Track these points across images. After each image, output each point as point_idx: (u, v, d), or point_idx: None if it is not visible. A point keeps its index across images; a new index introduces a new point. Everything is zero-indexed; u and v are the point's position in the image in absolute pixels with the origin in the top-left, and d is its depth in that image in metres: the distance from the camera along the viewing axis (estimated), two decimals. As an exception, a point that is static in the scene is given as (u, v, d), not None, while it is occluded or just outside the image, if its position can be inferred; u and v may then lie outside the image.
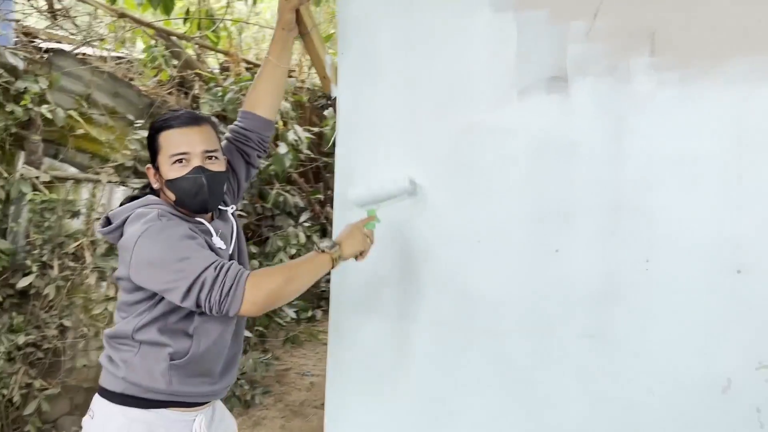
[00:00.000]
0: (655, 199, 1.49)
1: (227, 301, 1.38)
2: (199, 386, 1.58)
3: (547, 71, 1.62)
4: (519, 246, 1.66)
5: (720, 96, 1.42)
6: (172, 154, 1.54)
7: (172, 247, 1.43)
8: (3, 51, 2.56)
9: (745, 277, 1.40)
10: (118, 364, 1.54)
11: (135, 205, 1.55)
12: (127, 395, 1.52)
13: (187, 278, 1.39)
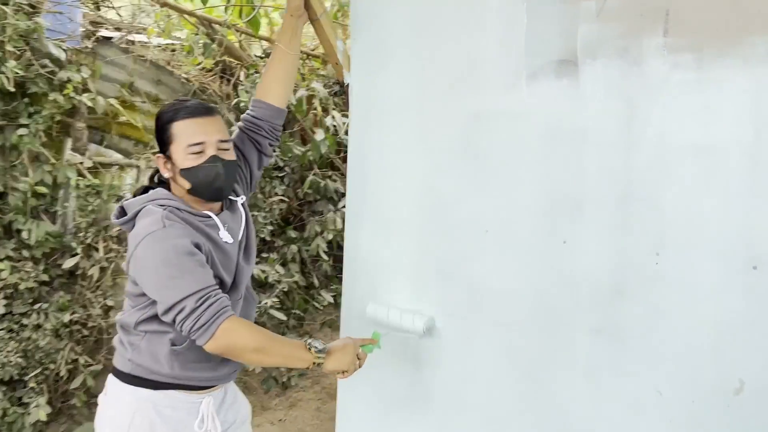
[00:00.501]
0: (666, 189, 1.41)
1: (197, 334, 1.43)
2: (200, 371, 1.61)
3: (557, 54, 1.55)
4: (526, 236, 1.61)
5: (737, 79, 1.32)
6: (190, 144, 1.55)
7: (166, 262, 1.46)
8: (47, 42, 2.68)
9: (760, 274, 1.30)
10: (126, 347, 1.60)
11: (146, 199, 1.58)
12: (134, 376, 1.58)
13: (170, 299, 1.43)
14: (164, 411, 1.58)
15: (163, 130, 1.59)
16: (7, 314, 2.85)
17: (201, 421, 1.61)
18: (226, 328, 1.43)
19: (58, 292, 3.01)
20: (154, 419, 1.57)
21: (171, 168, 1.59)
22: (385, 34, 1.84)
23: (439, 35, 1.74)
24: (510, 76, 1.62)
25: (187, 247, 1.48)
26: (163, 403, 1.58)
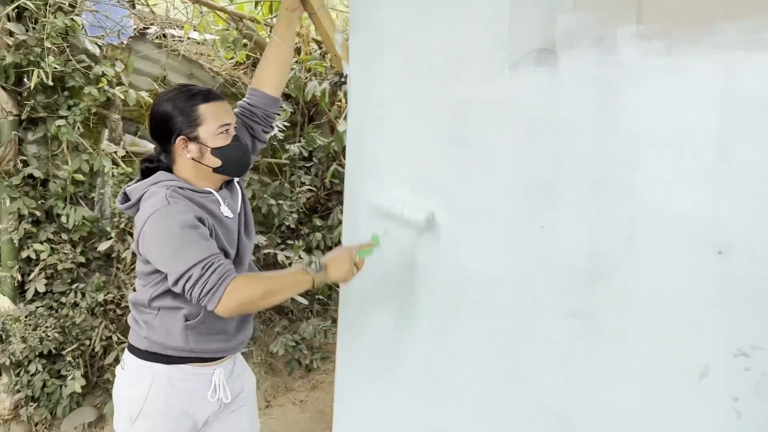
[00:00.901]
0: (638, 175, 1.43)
1: (206, 299, 1.51)
2: (214, 343, 1.71)
3: (537, 44, 1.58)
4: (508, 222, 1.65)
5: (706, 66, 1.33)
6: (222, 124, 1.66)
7: (171, 236, 1.54)
8: (83, 39, 2.86)
9: (725, 259, 1.32)
10: (141, 325, 1.70)
11: (149, 183, 1.66)
12: (150, 352, 1.68)
13: (177, 269, 1.52)
14: (178, 383, 1.68)
15: (187, 112, 1.65)
16: (48, 293, 3.06)
17: (213, 390, 1.72)
18: (231, 290, 1.50)
19: (95, 274, 3.21)
20: (169, 391, 1.67)
21: (197, 149, 1.65)
22: (381, 26, 1.91)
23: (430, 26, 1.79)
24: (494, 65, 1.66)
25: (191, 221, 1.56)
26: (177, 376, 1.68)
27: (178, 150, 1.67)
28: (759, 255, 1.28)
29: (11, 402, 3.00)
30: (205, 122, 1.64)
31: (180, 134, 1.65)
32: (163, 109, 1.67)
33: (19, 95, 2.90)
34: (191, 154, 1.66)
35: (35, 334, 2.85)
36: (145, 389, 1.66)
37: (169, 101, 1.67)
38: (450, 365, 1.78)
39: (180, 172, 1.71)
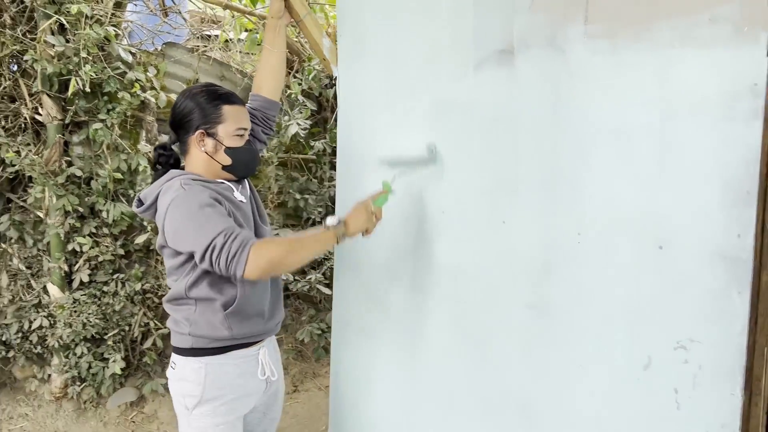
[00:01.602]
0: (587, 171, 1.47)
1: (233, 264, 1.52)
2: (255, 326, 1.76)
3: (498, 44, 1.63)
4: (474, 217, 1.71)
5: (647, 63, 1.35)
6: (240, 128, 1.73)
7: (191, 216, 1.58)
8: (117, 47, 3.09)
9: (666, 253, 1.35)
10: (181, 323, 1.72)
11: (160, 183, 1.70)
12: (197, 348, 1.71)
13: (202, 244, 1.55)
14: (230, 369, 1.73)
15: (211, 109, 1.71)
16: (92, 282, 3.33)
17: (262, 370, 1.80)
18: (255, 251, 1.52)
19: (134, 265, 3.45)
20: (222, 378, 1.72)
21: (213, 144, 1.71)
22: (364, 31, 1.99)
23: (405, 30, 1.87)
24: (461, 66, 1.72)
25: (207, 200, 1.60)
26: (227, 362, 1.73)
27: (193, 142, 1.72)
28: (696, 250, 1.30)
29: (61, 381, 3.29)
30: (225, 122, 1.71)
31: (199, 128, 1.70)
32: (188, 103, 1.73)
33: (63, 101, 3.16)
34: (206, 148, 1.71)
35: (79, 319, 3.12)
36: (199, 381, 1.71)
37: (195, 96, 1.73)
38: (424, 355, 1.86)
39: (191, 164, 1.76)
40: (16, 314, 3.27)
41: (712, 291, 1.29)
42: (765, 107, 1.20)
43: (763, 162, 1.21)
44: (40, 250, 3.33)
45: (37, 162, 3.08)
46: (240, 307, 1.71)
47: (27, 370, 3.39)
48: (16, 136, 3.19)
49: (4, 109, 3.19)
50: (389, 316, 1.96)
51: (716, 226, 1.27)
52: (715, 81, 1.26)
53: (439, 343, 1.82)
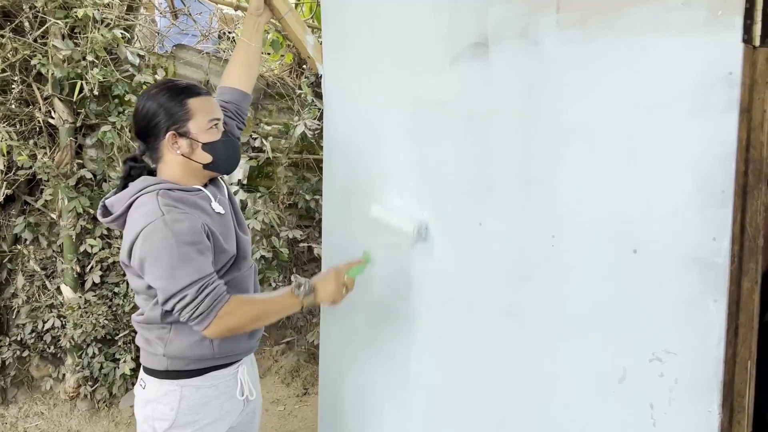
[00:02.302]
0: (559, 170, 1.38)
1: (195, 321, 1.48)
2: (239, 342, 1.67)
3: (473, 37, 1.55)
4: (452, 218, 1.64)
5: (619, 51, 1.26)
6: (212, 119, 1.59)
7: (167, 251, 1.46)
8: (125, 50, 3.11)
9: (640, 258, 1.25)
10: (155, 343, 1.59)
11: (133, 191, 1.56)
12: (171, 371, 1.59)
13: (171, 288, 1.45)
14: (207, 392, 1.63)
15: (175, 108, 1.57)
16: (104, 283, 3.37)
17: (241, 389, 1.70)
18: (222, 315, 1.48)
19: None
20: (199, 401, 1.61)
21: (188, 144, 1.58)
22: (347, 28, 1.94)
23: (385, 24, 1.80)
24: (438, 60, 1.65)
25: (188, 232, 1.48)
26: (204, 384, 1.62)
27: (166, 146, 1.57)
28: (671, 254, 1.20)
29: (74, 381, 3.34)
30: (195, 117, 1.57)
31: (169, 129, 1.56)
32: (150, 106, 1.58)
33: (74, 104, 3.20)
34: (181, 150, 1.57)
35: (89, 320, 3.16)
36: (172, 406, 1.60)
37: (155, 97, 1.58)
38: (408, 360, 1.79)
39: (166, 171, 1.61)
40: (31, 314, 3.34)
41: (688, 298, 1.18)
42: (741, 98, 1.09)
43: (739, 158, 1.11)
44: (54, 252, 3.39)
45: (48, 164, 3.13)
46: None
47: (42, 370, 3.45)
48: (30, 139, 3.25)
49: (18, 113, 3.26)
50: (374, 318, 1.90)
51: (690, 229, 1.17)
52: (689, 70, 1.16)
53: (423, 349, 1.75)
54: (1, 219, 3.35)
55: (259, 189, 3.66)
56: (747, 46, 1.09)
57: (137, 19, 3.54)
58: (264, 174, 3.84)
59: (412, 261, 1.75)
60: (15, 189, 3.32)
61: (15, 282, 3.37)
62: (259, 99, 3.80)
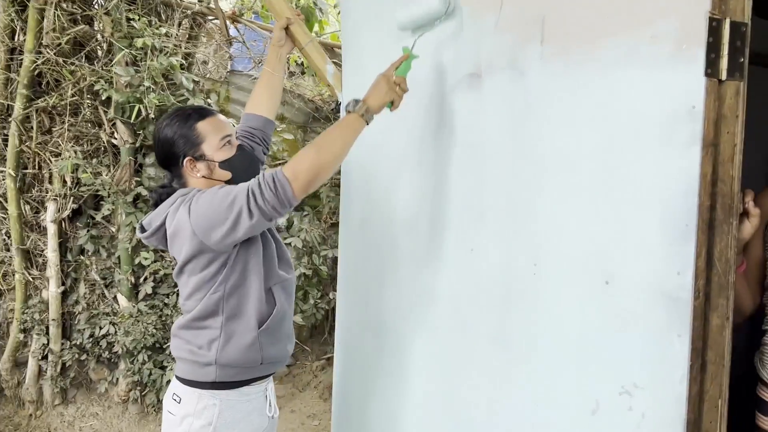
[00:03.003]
0: (541, 199, 1.40)
1: (280, 191, 1.46)
2: (282, 349, 1.73)
3: (468, 68, 1.60)
4: (445, 243, 1.68)
5: (595, 83, 1.27)
6: (222, 137, 1.66)
7: (215, 194, 1.53)
8: (180, 76, 3.33)
9: (611, 289, 1.24)
10: (204, 348, 1.62)
11: (168, 205, 1.64)
12: (219, 382, 1.63)
13: (241, 201, 1.48)
14: (242, 407, 1.67)
15: (187, 134, 1.65)
16: (156, 294, 3.58)
17: (269, 407, 1.75)
18: (288, 169, 1.47)
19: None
20: (236, 416, 1.65)
21: (205, 166, 1.65)
22: (363, 58, 2.03)
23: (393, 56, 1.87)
24: (439, 90, 1.70)
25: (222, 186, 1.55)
26: (240, 398, 1.67)
27: (187, 171, 1.67)
28: (640, 287, 1.19)
29: (126, 385, 3.55)
30: (207, 138, 1.65)
31: (186, 156, 1.65)
32: (164, 136, 1.67)
33: (134, 126, 3.45)
34: (201, 173, 1.66)
35: (138, 328, 3.36)
36: (210, 420, 1.62)
37: (167, 127, 1.67)
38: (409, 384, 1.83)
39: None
40: (90, 321, 3.58)
41: (655, 332, 1.17)
42: (704, 132, 1.08)
43: (704, 192, 1.09)
44: (113, 263, 3.64)
45: (106, 182, 3.38)
46: (274, 324, 1.66)
47: (99, 373, 3.69)
48: (95, 158, 3.52)
49: (86, 133, 3.54)
50: (381, 339, 1.95)
51: (657, 262, 1.15)
52: (657, 103, 1.15)
53: (421, 373, 1.78)
54: (69, 231, 3.64)
55: (303, 208, 3.80)
56: (711, 80, 1.08)
57: (196, 47, 3.78)
58: (312, 194, 3.97)
59: (415, 282, 1.79)
60: (82, 204, 3.60)
61: (78, 290, 3.63)
62: (308, 122, 3.96)
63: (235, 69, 3.78)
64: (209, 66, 3.61)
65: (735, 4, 1.10)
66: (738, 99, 1.12)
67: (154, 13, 3.53)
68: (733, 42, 1.10)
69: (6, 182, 3.44)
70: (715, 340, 1.14)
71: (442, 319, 1.69)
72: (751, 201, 1.27)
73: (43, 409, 3.59)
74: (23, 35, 3.35)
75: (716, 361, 1.14)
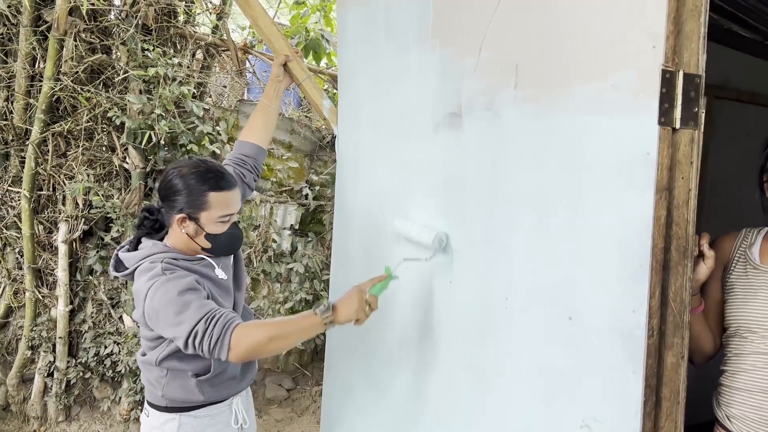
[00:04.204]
0: (514, 236, 1.45)
1: (216, 350, 1.53)
2: (228, 389, 1.82)
3: (450, 108, 1.67)
4: (426, 274, 1.73)
5: (563, 128, 1.33)
6: (224, 215, 1.69)
7: (171, 302, 1.56)
8: (191, 104, 3.45)
9: (574, 325, 1.29)
10: (155, 384, 1.77)
11: (141, 256, 1.70)
12: (170, 407, 1.78)
13: (184, 330, 1.54)
14: (203, 420, 1.79)
15: (195, 195, 1.67)
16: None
17: (235, 419, 1.84)
18: (237, 336, 1.52)
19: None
20: (196, 427, 1.77)
21: (194, 229, 1.69)
22: (358, 93, 2.11)
23: (387, 94, 1.96)
24: (423, 129, 1.77)
25: (188, 284, 1.59)
26: (201, 414, 1.79)
27: (176, 221, 1.69)
28: (600, 323, 1.24)
29: (127, 404, 3.62)
30: (210, 209, 1.67)
31: (182, 211, 1.67)
32: (175, 182, 1.69)
33: (145, 152, 3.57)
34: (187, 231, 1.69)
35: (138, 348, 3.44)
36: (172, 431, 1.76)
37: (183, 178, 1.68)
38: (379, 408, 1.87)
39: (172, 237, 1.75)
40: (95, 340, 3.67)
41: (613, 368, 1.21)
42: (658, 177, 1.14)
43: (657, 235, 1.15)
44: (120, 283, 3.73)
45: (117, 205, 3.49)
46: (213, 376, 1.74)
47: (103, 391, 3.76)
48: (105, 182, 3.64)
49: (99, 157, 3.67)
50: (367, 367, 2.00)
51: (615, 300, 1.20)
52: (617, 148, 1.21)
53: (401, 400, 1.83)
54: (79, 251, 3.75)
55: (308, 234, 3.87)
56: (664, 128, 1.14)
57: (208, 76, 3.91)
58: (316, 220, 4.06)
59: (397, 312, 1.85)
60: (93, 225, 3.71)
61: (85, 309, 3.73)
62: (314, 151, 4.06)
63: (245, 98, 3.90)
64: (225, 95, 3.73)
65: (689, 57, 1.16)
66: (693, 146, 1.18)
67: (169, 44, 3.67)
68: (687, 92, 1.16)
69: (21, 203, 3.56)
70: (670, 377, 1.18)
71: (419, 349, 1.74)
72: (706, 243, 1.32)
73: (47, 425, 3.66)
74: (43, 63, 3.50)
75: (671, 398, 1.18)
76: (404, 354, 1.81)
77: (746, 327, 1.35)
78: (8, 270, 3.68)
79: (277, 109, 2.13)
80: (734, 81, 3.05)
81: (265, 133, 2.12)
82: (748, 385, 1.34)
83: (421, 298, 1.75)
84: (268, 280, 3.77)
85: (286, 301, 3.71)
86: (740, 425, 1.36)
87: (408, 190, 1.82)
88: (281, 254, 3.86)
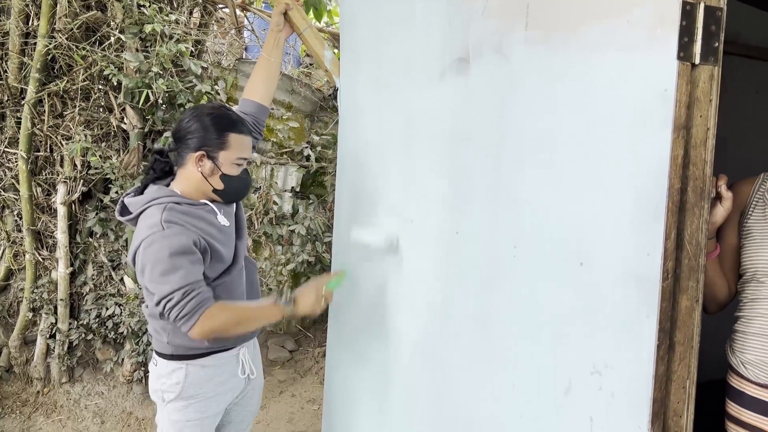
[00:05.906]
0: (522, 182, 1.42)
1: (181, 321, 1.62)
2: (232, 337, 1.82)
3: (458, 53, 1.61)
4: (435, 226, 1.70)
5: (574, 67, 1.28)
6: (241, 157, 1.75)
7: (160, 260, 1.60)
8: (188, 61, 3.38)
9: (585, 270, 1.26)
10: (160, 332, 1.79)
11: (146, 200, 1.71)
12: (177, 354, 1.79)
13: (161, 291, 1.60)
14: (210, 371, 1.81)
15: (218, 133, 1.72)
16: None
17: (242, 369, 1.88)
18: (204, 318, 1.61)
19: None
20: (203, 377, 1.80)
21: (210, 168, 1.72)
22: (360, 44, 2.05)
23: (389, 42, 1.90)
24: (429, 76, 1.72)
25: (182, 246, 1.61)
26: (208, 363, 1.81)
27: (192, 159, 1.71)
28: (612, 268, 1.21)
29: (130, 365, 3.63)
30: (229, 149, 1.72)
31: (202, 148, 1.71)
32: (195, 122, 1.73)
33: (143, 111, 3.51)
34: (203, 170, 1.72)
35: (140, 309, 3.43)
36: (178, 381, 1.79)
37: (207, 116, 1.73)
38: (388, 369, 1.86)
39: (181, 180, 1.76)
40: (97, 302, 3.66)
41: (626, 313, 1.18)
42: (675, 115, 1.10)
43: (674, 175, 1.11)
44: (120, 246, 3.71)
45: (115, 166, 3.44)
46: None
47: (105, 353, 3.77)
48: (103, 142, 3.59)
49: (97, 118, 3.61)
50: (368, 323, 1.98)
51: (629, 244, 1.17)
52: (632, 87, 1.17)
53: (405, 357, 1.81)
54: (79, 213, 3.71)
55: (309, 196, 3.84)
56: (683, 64, 1.09)
57: (206, 34, 3.83)
58: (318, 182, 4.02)
59: (402, 264, 1.82)
60: (92, 187, 3.67)
61: (86, 271, 3.71)
62: (315, 111, 3.99)
63: (244, 57, 3.82)
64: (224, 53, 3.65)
65: (710, -11, 1.11)
66: (712, 83, 1.14)
67: (165, 0, 3.58)
68: (708, 26, 1.11)
69: (18, 164, 3.52)
70: (684, 321, 1.15)
71: (429, 300, 1.72)
72: (724, 185, 1.28)
73: (50, 386, 3.68)
74: (37, 20, 3.42)
75: (685, 342, 1.16)
76: (411, 305, 1.79)
77: (764, 271, 1.32)
78: (7, 232, 3.65)
79: (278, 63, 2.07)
80: (744, 36, 2.98)
81: (266, 90, 2.06)
82: (764, 329, 1.32)
83: (428, 250, 1.72)
84: (270, 242, 3.74)
85: (288, 262, 3.69)
86: (755, 371, 1.35)
87: (412, 140, 1.78)
88: (282, 216, 3.82)
